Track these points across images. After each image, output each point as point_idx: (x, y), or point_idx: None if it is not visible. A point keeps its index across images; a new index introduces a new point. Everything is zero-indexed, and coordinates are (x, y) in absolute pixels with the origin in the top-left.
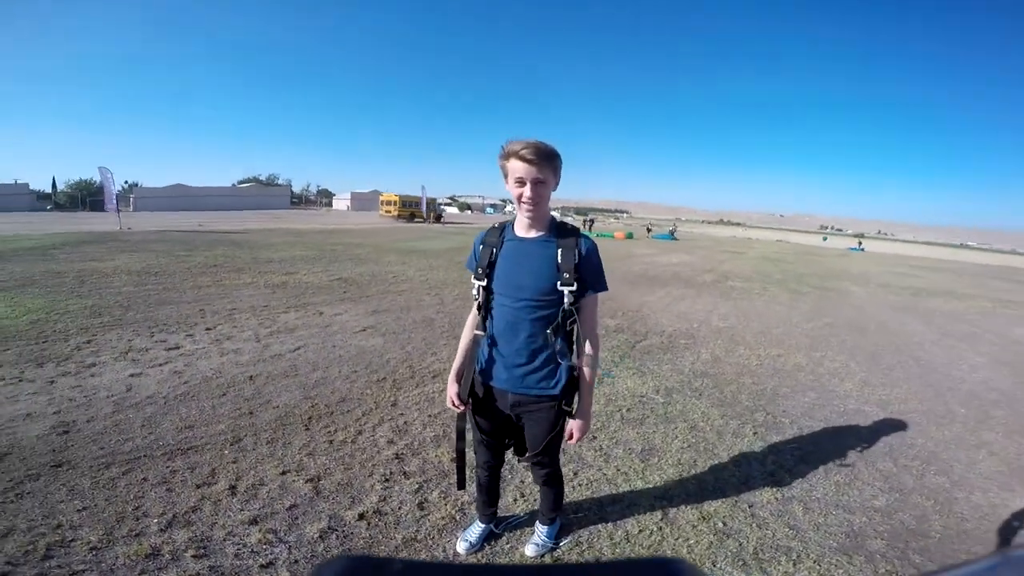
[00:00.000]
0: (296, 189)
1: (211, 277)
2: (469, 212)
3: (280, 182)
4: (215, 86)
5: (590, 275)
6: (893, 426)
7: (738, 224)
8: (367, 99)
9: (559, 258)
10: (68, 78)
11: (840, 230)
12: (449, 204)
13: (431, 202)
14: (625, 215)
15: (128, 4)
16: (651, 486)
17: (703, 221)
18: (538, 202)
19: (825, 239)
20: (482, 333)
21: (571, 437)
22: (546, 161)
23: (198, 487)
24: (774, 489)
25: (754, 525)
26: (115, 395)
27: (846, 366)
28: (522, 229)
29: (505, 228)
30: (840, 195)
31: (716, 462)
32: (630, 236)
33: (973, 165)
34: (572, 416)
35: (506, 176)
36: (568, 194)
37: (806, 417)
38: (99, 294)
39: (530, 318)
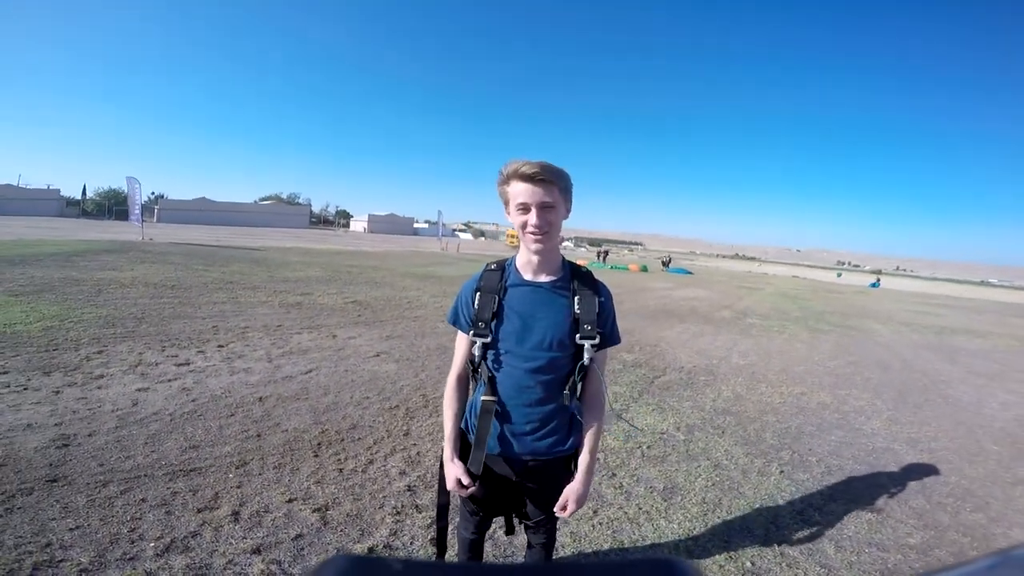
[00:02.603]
0: (315, 209)
1: (227, 293)
2: (483, 239)
3: (300, 201)
4: (250, 102)
5: (607, 326)
6: (924, 464)
7: (753, 258)
8: (390, 123)
9: (576, 307)
10: (107, 89)
11: (857, 266)
12: (463, 230)
13: None
14: (639, 247)
15: (169, 20)
16: (675, 525)
17: (717, 255)
18: (547, 231)
19: (839, 275)
20: (492, 399)
21: (564, 508)
22: (554, 180)
23: (199, 511)
24: (803, 528)
25: (784, 565)
26: (120, 409)
27: (872, 404)
28: (529, 270)
29: (506, 269)
30: (857, 230)
31: (742, 501)
32: (644, 269)
33: (996, 199)
34: (571, 478)
35: (507, 204)
36: (579, 224)
37: (833, 455)
38: (114, 304)
39: (545, 379)
